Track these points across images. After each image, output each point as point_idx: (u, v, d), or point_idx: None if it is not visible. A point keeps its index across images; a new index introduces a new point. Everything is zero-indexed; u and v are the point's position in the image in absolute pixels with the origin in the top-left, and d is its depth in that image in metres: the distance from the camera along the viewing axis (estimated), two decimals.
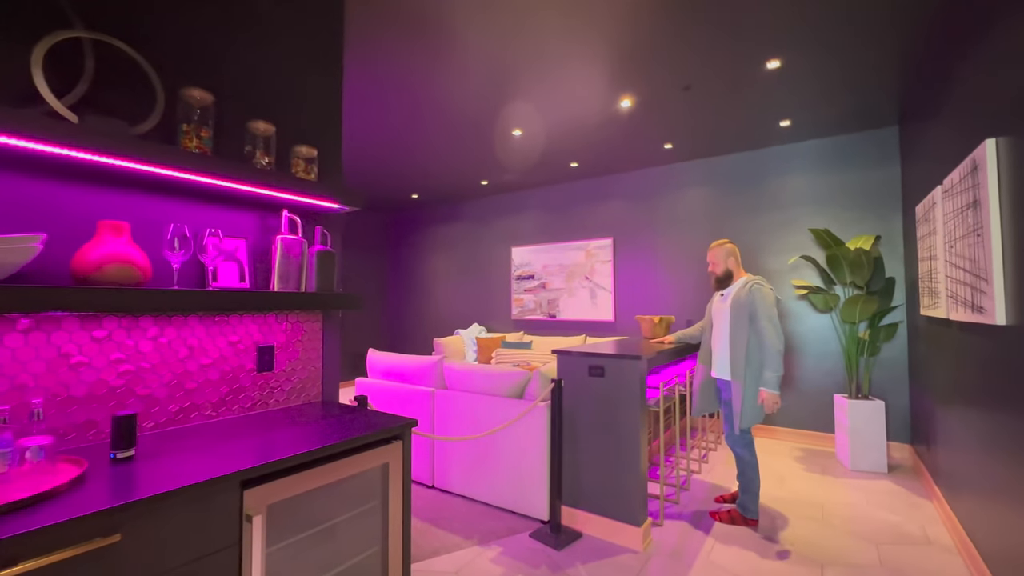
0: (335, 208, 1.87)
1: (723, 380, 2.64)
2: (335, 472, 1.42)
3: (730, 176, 4.57)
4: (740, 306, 2.53)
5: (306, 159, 1.78)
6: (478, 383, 2.92)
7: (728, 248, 2.69)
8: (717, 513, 2.69)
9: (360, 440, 1.48)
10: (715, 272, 2.72)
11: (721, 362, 2.63)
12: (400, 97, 3.33)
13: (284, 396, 1.88)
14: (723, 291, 2.72)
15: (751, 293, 2.51)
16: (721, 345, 2.63)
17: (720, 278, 2.70)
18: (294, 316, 1.91)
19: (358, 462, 1.49)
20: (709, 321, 2.81)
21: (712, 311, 2.78)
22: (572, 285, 5.53)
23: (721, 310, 2.67)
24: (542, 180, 5.57)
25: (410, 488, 1.67)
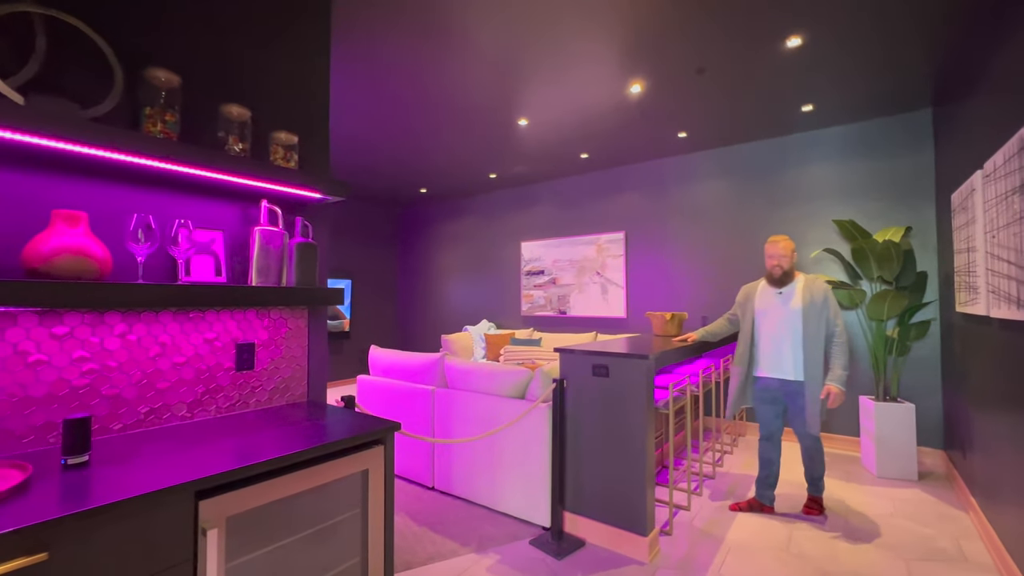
0: (317, 198, 1.77)
1: (787, 381, 2.57)
2: (307, 479, 1.32)
3: (748, 166, 4.36)
4: (816, 306, 2.50)
5: (286, 146, 1.69)
6: (479, 382, 2.81)
7: (792, 245, 2.63)
8: (810, 510, 2.68)
9: (335, 445, 1.38)
10: (782, 267, 2.60)
11: (785, 362, 2.57)
12: (406, 88, 3.23)
13: (266, 396, 1.79)
14: (781, 289, 2.62)
15: (826, 294, 2.52)
16: (788, 345, 2.56)
17: (786, 273, 2.61)
18: (277, 312, 1.82)
19: (334, 468, 1.39)
20: (752, 319, 2.69)
21: (760, 308, 2.67)
22: (583, 280, 5.37)
23: (782, 309, 2.59)
24: (552, 172, 5.42)
25: (392, 495, 1.57)
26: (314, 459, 1.35)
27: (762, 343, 2.64)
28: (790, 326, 2.55)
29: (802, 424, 2.53)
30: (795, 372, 2.54)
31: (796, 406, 2.55)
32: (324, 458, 1.37)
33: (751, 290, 2.77)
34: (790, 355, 2.55)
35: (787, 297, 2.59)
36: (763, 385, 2.66)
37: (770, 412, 2.66)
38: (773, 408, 2.65)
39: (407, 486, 3.06)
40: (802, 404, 2.52)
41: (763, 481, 2.73)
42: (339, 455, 1.41)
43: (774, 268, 2.62)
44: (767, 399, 2.65)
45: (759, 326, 2.67)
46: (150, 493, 1.00)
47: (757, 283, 2.76)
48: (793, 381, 2.55)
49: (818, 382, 2.46)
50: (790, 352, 2.55)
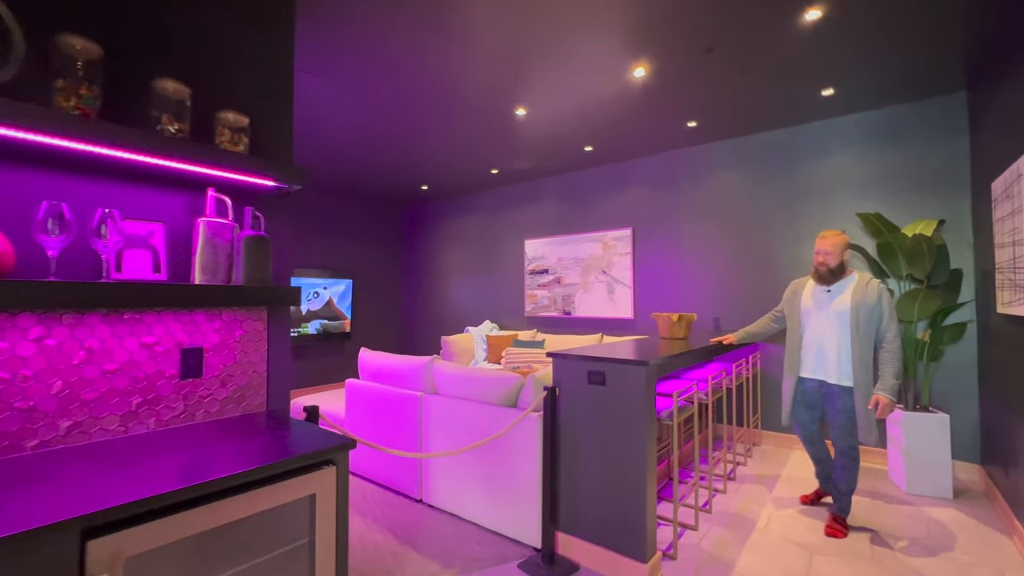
0: (270, 186, 1.59)
1: (828, 384, 2.46)
2: (237, 508, 1.13)
3: (763, 157, 4.08)
4: (867, 307, 2.34)
5: (233, 128, 1.51)
6: (468, 388, 2.61)
7: (845, 240, 2.45)
8: (833, 531, 2.45)
9: (274, 468, 1.20)
10: (828, 264, 2.44)
11: (829, 365, 2.44)
12: (402, 79, 3.05)
13: (217, 406, 1.62)
14: (829, 287, 2.47)
15: (880, 293, 2.34)
16: (833, 347, 2.42)
17: (833, 271, 2.45)
18: (230, 313, 1.65)
19: (271, 495, 1.20)
20: (798, 318, 2.58)
21: (806, 307, 2.54)
22: (588, 280, 5.14)
23: (829, 309, 2.44)
24: (555, 167, 5.20)
25: (346, 523, 1.37)
26: (245, 484, 1.17)
27: (806, 343, 2.52)
28: (836, 327, 2.42)
29: (841, 430, 2.41)
30: (838, 376, 2.41)
31: (834, 409, 2.43)
32: (259, 483, 1.19)
33: (799, 286, 2.63)
34: (835, 358, 2.41)
35: (835, 296, 2.44)
36: (804, 387, 2.56)
37: (805, 415, 2.58)
38: (809, 412, 2.57)
39: (394, 499, 2.88)
40: (840, 408, 2.40)
41: (821, 474, 2.73)
42: (279, 479, 1.23)
43: (819, 265, 2.48)
44: (804, 402, 2.56)
45: (805, 326, 2.55)
46: (16, 535, 0.82)
47: (806, 279, 2.62)
48: (835, 385, 2.42)
49: (868, 389, 2.31)
50: (835, 354, 2.41)
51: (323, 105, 3.50)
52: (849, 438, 2.40)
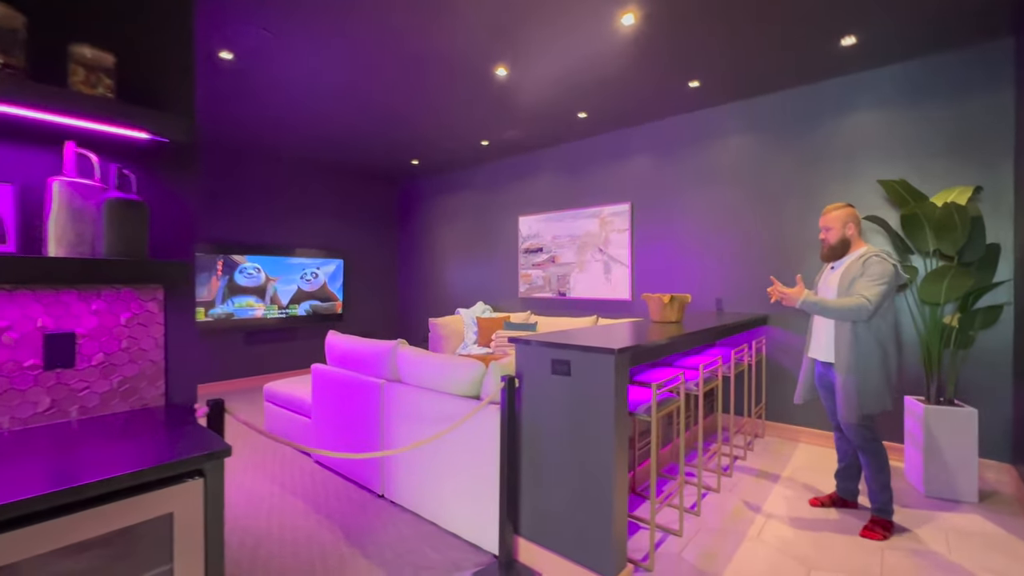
0: (144, 139, 1.33)
1: (825, 364, 2.35)
2: (62, 533, 0.90)
3: (773, 121, 3.67)
4: (849, 279, 2.19)
5: (90, 66, 1.24)
6: (428, 376, 2.36)
7: (847, 212, 2.27)
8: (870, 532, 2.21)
9: (110, 484, 0.96)
10: (828, 240, 2.32)
11: (825, 343, 2.31)
12: (381, 44, 2.73)
13: (98, 400, 1.39)
14: (834, 263, 2.35)
15: (865, 265, 2.15)
16: (826, 324, 2.31)
17: (833, 247, 2.30)
18: (111, 293, 1.41)
19: (101, 518, 0.96)
20: None
21: (819, 287, 2.44)
22: (584, 258, 4.82)
23: (829, 285, 2.32)
24: (548, 138, 4.83)
25: (220, 547, 1.13)
26: (65, 506, 0.93)
27: (815, 324, 2.43)
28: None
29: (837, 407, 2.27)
30: (826, 353, 2.31)
31: (834, 396, 2.34)
32: (90, 502, 0.95)
33: (822, 267, 2.52)
34: (827, 336, 2.30)
35: (835, 272, 2.31)
36: (818, 371, 2.43)
37: (827, 400, 2.42)
38: (828, 395, 2.40)
39: (356, 493, 2.68)
40: (836, 385, 2.25)
41: (842, 473, 2.50)
42: (118, 496, 0.99)
43: (822, 241, 2.36)
44: (822, 385, 2.42)
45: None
46: None
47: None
48: (827, 364, 2.33)
49: (849, 369, 2.15)
50: (826, 332, 2.30)
51: (287, 67, 3.21)
52: (847, 421, 2.21)
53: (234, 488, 2.73)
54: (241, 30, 2.70)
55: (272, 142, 4.98)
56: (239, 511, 2.46)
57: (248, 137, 4.79)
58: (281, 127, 4.46)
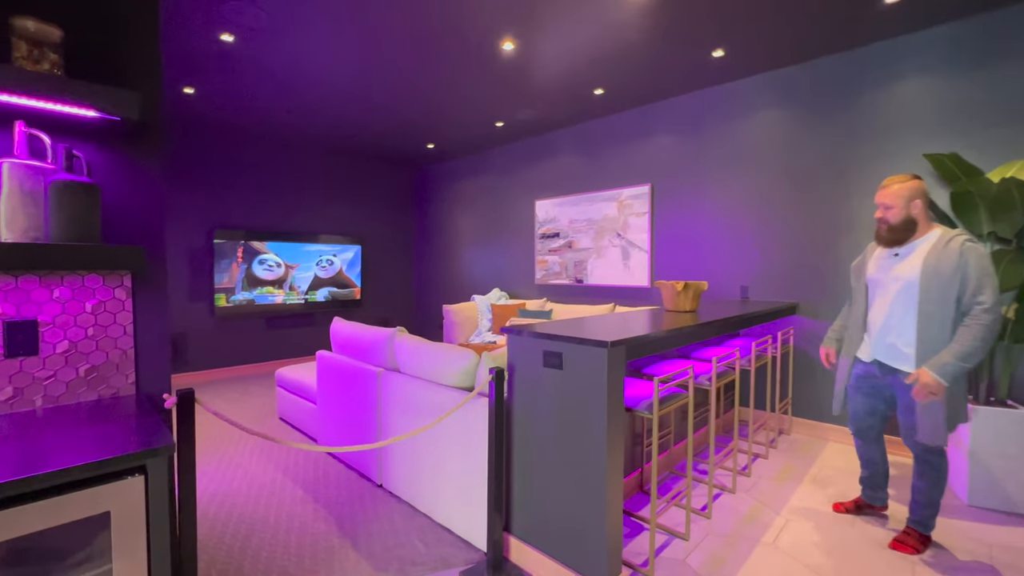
0: (94, 117, 1.26)
1: (893, 369, 1.96)
2: None
3: (808, 92, 3.35)
4: (944, 272, 1.79)
5: (34, 41, 1.17)
6: (423, 366, 2.28)
7: (912, 187, 1.88)
8: (901, 545, 2.00)
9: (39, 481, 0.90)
10: (888, 220, 1.93)
11: (892, 345, 1.94)
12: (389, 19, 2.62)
13: (63, 390, 1.36)
14: (897, 249, 1.95)
15: (963, 253, 1.77)
16: (897, 322, 1.92)
17: (895, 228, 1.91)
18: (75, 279, 1.36)
19: (26, 516, 0.91)
20: (864, 291, 2.09)
21: (872, 277, 2.05)
22: (602, 244, 4.63)
23: (895, 275, 1.93)
24: (564, 118, 4.62)
25: (166, 546, 1.08)
26: None
27: (870, 320, 2.05)
28: (903, 298, 1.91)
29: (908, 430, 1.95)
30: (903, 358, 1.91)
31: (901, 404, 1.96)
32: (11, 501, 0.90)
33: (870, 251, 2.12)
34: (900, 339, 1.92)
35: (902, 260, 1.93)
36: (862, 372, 2.10)
37: (862, 405, 2.13)
38: (867, 402, 2.12)
39: (356, 482, 2.65)
40: (908, 402, 1.93)
41: (867, 481, 2.26)
42: (46, 494, 0.94)
43: (879, 222, 1.98)
44: (863, 388, 2.11)
45: (871, 299, 2.07)
46: None
47: (873, 246, 2.12)
48: (902, 373, 1.93)
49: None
50: (900, 335, 1.92)
51: (301, 50, 3.14)
52: (924, 435, 1.89)
53: (239, 473, 2.75)
54: (238, 7, 2.63)
55: (288, 127, 4.97)
56: (239, 497, 2.46)
57: (264, 123, 4.80)
58: (296, 112, 4.44)
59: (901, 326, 1.90)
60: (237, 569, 1.88)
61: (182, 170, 4.85)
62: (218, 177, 5.08)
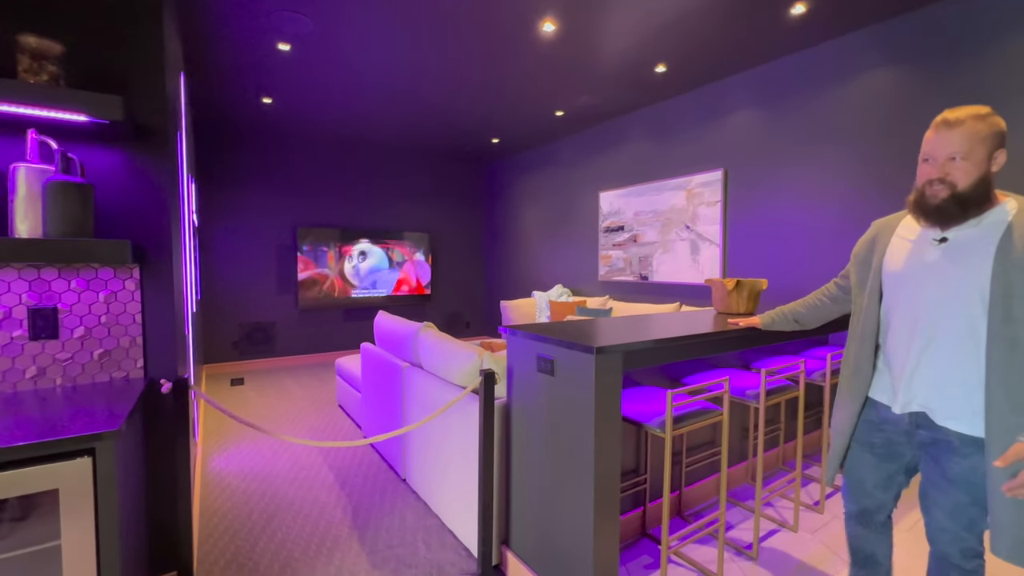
0: (84, 122, 1.36)
1: (947, 431, 1.17)
2: None
3: (917, 48, 2.71)
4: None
5: (35, 54, 1.29)
6: (436, 362, 2.23)
7: (998, 126, 1.11)
8: None
9: None
10: (951, 179, 1.13)
11: (943, 389, 1.16)
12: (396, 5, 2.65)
13: (79, 370, 1.51)
14: (946, 231, 1.17)
15: None
16: (950, 351, 1.15)
17: (963, 196, 1.12)
18: (90, 271, 1.51)
19: None
20: (878, 291, 1.30)
21: (895, 270, 1.26)
22: (668, 237, 4.23)
23: (943, 272, 1.16)
24: (627, 102, 4.28)
25: (114, 524, 1.13)
26: None
27: (892, 340, 1.26)
28: (958, 312, 1.13)
29: (953, 518, 1.16)
30: (957, 412, 1.14)
31: (943, 475, 1.17)
32: None
33: (883, 231, 1.34)
34: (950, 372, 1.15)
35: (959, 249, 1.15)
36: (876, 419, 1.32)
37: (873, 472, 1.33)
38: (881, 467, 1.31)
39: (384, 474, 2.69)
40: (957, 474, 1.15)
41: None
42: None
43: (935, 184, 1.14)
44: (876, 446, 1.31)
45: (891, 306, 1.27)
46: None
47: (895, 218, 1.34)
48: (948, 431, 1.16)
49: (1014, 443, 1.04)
50: (951, 365, 1.15)
51: (348, 53, 3.28)
52: (967, 536, 1.16)
53: (287, 455, 2.94)
54: (283, 17, 2.79)
55: (359, 130, 5.25)
56: (276, 478, 2.63)
57: (337, 126, 5.12)
58: (362, 112, 4.66)
59: (954, 358, 1.14)
60: (251, 547, 1.98)
61: (268, 174, 5.36)
62: (300, 179, 5.54)
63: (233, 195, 5.18)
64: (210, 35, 3.00)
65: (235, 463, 2.81)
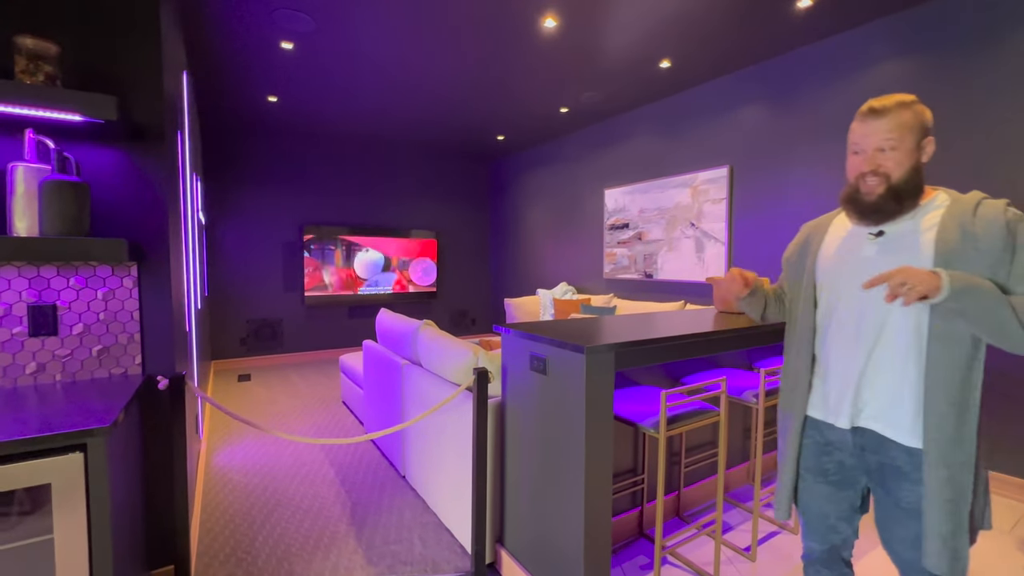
0: (79, 121, 1.38)
1: (894, 443, 1.06)
2: None
3: (935, 37, 2.64)
4: (975, 259, 0.97)
5: (32, 55, 1.31)
6: (431, 360, 2.23)
7: (925, 114, 1.07)
8: None
9: None
10: (885, 171, 1.05)
11: (872, 396, 1.08)
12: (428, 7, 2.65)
13: (78, 367, 1.53)
14: (880, 225, 1.09)
15: (1013, 225, 0.96)
16: (888, 356, 1.06)
17: (899, 187, 1.05)
18: (88, 269, 1.53)
19: None
20: (811, 297, 1.20)
21: (826, 269, 1.18)
22: (674, 235, 4.19)
23: (880, 263, 1.07)
24: (632, 99, 4.24)
25: (106, 518, 1.14)
26: None
27: (831, 346, 1.15)
28: (898, 312, 1.04)
29: (905, 541, 1.06)
30: (897, 422, 1.05)
31: (890, 495, 1.07)
32: None
33: (813, 233, 1.26)
34: (898, 373, 1.05)
35: (899, 241, 1.07)
36: (822, 439, 1.19)
37: (831, 503, 1.19)
38: (838, 497, 1.18)
39: (384, 470, 2.71)
40: (908, 494, 1.04)
41: None
42: None
43: (867, 176, 1.07)
44: (829, 472, 1.18)
45: (827, 310, 1.17)
46: None
47: (827, 218, 1.26)
48: (893, 443, 1.05)
49: (958, 456, 0.97)
50: (898, 365, 1.05)
51: (350, 50, 3.29)
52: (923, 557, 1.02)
53: (290, 451, 2.97)
54: (284, 15, 2.80)
55: (364, 128, 5.27)
56: (279, 473, 2.65)
57: (342, 124, 5.14)
58: (366, 112, 4.68)
59: (905, 361, 1.04)
60: (251, 541, 2.00)
61: (274, 172, 5.40)
62: (306, 177, 5.58)
63: (240, 193, 5.24)
64: (213, 34, 3.02)
65: (238, 459, 2.85)
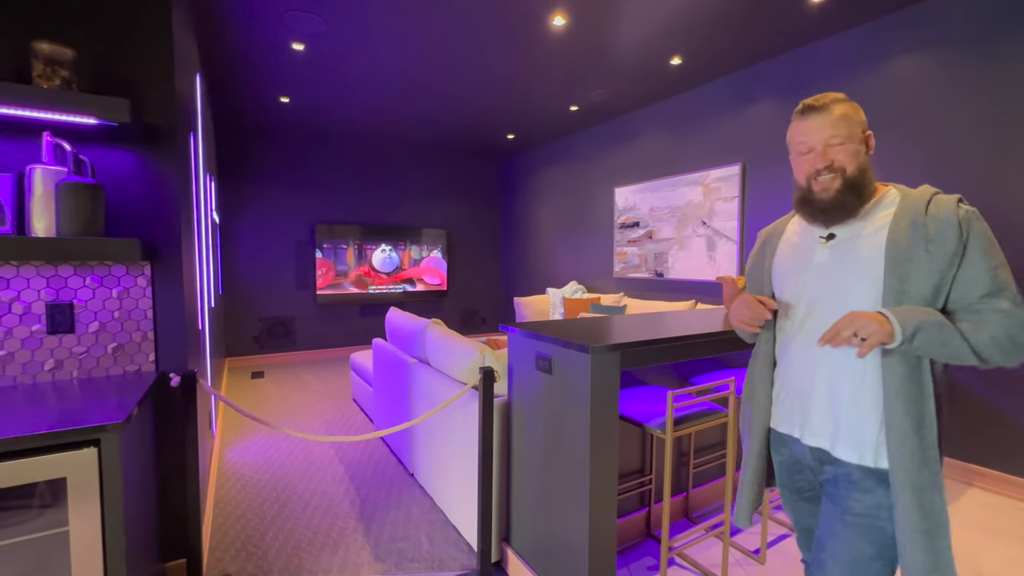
0: (94, 124, 1.41)
1: (846, 464, 0.98)
2: None
3: (955, 32, 2.57)
4: (929, 255, 0.91)
5: (48, 60, 1.35)
6: (439, 359, 2.24)
7: (859, 114, 1.02)
8: None
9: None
10: (843, 166, 0.98)
11: (832, 411, 1.00)
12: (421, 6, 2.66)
13: (94, 363, 1.57)
14: (831, 226, 1.03)
15: (965, 223, 0.91)
16: (838, 365, 1.00)
17: (853, 182, 0.98)
18: (104, 268, 1.56)
19: None
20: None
21: (785, 271, 1.11)
22: (684, 234, 4.15)
23: (833, 275, 1.02)
24: (642, 96, 4.21)
25: (119, 512, 1.17)
26: None
27: (788, 356, 1.10)
28: (854, 309, 0.96)
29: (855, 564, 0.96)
30: (850, 438, 0.97)
31: (841, 512, 0.99)
32: None
33: (768, 240, 1.21)
34: (844, 390, 0.98)
35: (851, 243, 1.00)
36: (789, 456, 1.12)
37: (812, 518, 1.14)
38: (815, 509, 1.13)
39: (393, 468, 2.73)
40: (862, 511, 0.96)
41: None
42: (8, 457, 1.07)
43: (818, 176, 1.00)
44: (803, 489, 1.13)
45: (781, 319, 1.12)
46: None
47: (782, 223, 1.21)
48: (845, 463, 0.98)
49: (922, 473, 0.88)
50: (845, 382, 0.98)
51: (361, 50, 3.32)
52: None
53: (302, 448, 3.01)
54: (295, 16, 2.83)
55: (376, 127, 5.31)
56: (290, 469, 2.69)
57: (353, 124, 5.19)
58: (376, 112, 4.71)
59: (856, 371, 0.97)
60: (261, 536, 2.04)
61: (287, 172, 5.47)
62: (318, 176, 5.64)
63: (254, 193, 5.31)
64: (225, 37, 3.07)
65: (251, 455, 2.89)
